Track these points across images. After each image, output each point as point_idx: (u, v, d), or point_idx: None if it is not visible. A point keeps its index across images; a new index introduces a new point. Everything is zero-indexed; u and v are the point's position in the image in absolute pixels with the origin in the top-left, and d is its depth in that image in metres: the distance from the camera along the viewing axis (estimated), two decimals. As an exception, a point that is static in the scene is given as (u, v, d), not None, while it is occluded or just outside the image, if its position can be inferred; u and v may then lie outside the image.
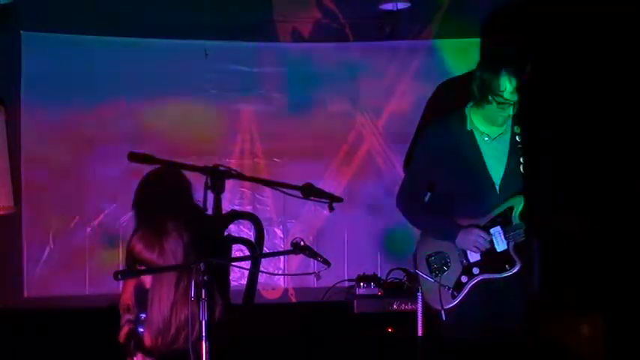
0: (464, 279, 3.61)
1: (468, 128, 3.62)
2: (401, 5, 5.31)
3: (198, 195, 4.50)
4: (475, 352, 3.60)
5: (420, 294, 3.83)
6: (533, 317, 3.87)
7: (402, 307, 4.88)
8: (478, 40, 5.39)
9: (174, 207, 4.04)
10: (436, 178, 3.71)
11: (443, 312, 3.59)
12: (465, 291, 3.60)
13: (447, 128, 3.68)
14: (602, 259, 4.71)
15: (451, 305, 3.61)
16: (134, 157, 3.77)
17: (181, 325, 3.24)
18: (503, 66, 3.44)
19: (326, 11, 5.44)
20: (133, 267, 3.35)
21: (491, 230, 3.58)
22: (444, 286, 3.61)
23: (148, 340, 3.32)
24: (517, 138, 3.61)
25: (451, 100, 3.85)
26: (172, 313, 3.28)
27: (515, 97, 3.45)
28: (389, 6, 5.33)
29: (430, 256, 3.67)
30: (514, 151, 3.60)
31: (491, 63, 3.50)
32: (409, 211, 3.78)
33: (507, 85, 3.43)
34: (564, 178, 3.82)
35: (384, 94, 5.63)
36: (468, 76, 3.65)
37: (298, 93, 5.58)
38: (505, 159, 3.61)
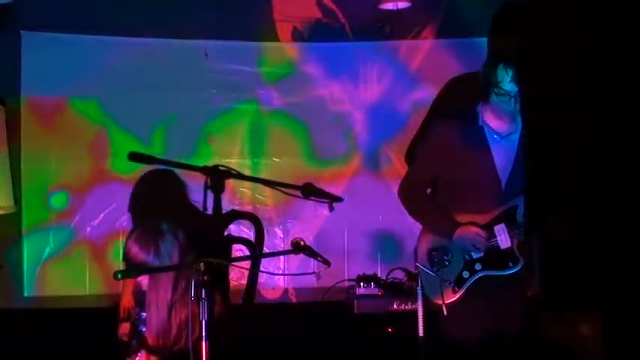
0: (465, 274, 3.61)
1: (479, 124, 3.63)
2: (401, 5, 5.31)
3: (197, 195, 4.50)
4: (475, 351, 3.60)
5: (419, 289, 3.82)
6: (533, 317, 3.87)
7: (402, 307, 4.88)
8: (478, 39, 5.39)
9: (169, 208, 4.04)
10: (442, 173, 3.71)
11: (444, 306, 3.59)
12: (466, 286, 3.59)
13: (457, 124, 3.68)
14: (602, 259, 4.71)
15: (452, 300, 3.60)
16: (134, 156, 3.78)
17: (182, 325, 3.24)
18: (500, 57, 3.50)
19: (326, 11, 5.44)
20: (130, 269, 3.35)
21: (496, 227, 3.58)
22: (446, 281, 3.61)
23: (149, 340, 3.32)
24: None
25: (462, 96, 3.87)
26: (172, 314, 3.28)
27: (514, 88, 3.47)
28: (389, 6, 5.34)
29: (432, 250, 3.66)
30: (522, 150, 3.61)
31: (490, 57, 3.57)
32: (411, 204, 3.77)
33: (505, 76, 3.46)
34: (564, 177, 3.83)
35: (384, 94, 5.62)
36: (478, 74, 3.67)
37: (298, 93, 5.58)
38: (513, 158, 3.62)
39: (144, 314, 3.37)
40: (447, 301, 3.59)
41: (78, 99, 5.31)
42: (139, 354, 3.32)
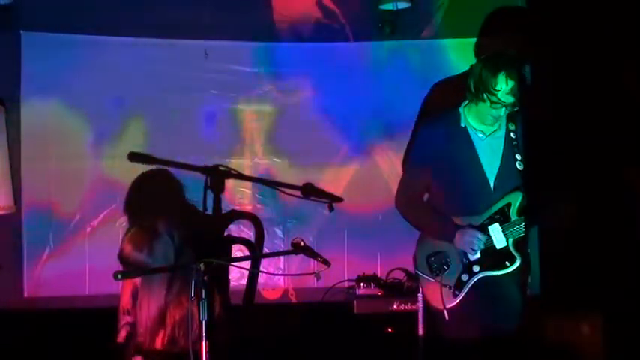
0: (464, 277, 3.62)
1: (462, 125, 3.63)
2: (401, 5, 5.32)
3: (197, 195, 4.50)
4: (475, 351, 3.61)
5: (420, 294, 3.84)
6: (534, 317, 3.88)
7: (402, 307, 4.88)
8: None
9: (165, 208, 4.04)
10: (432, 178, 3.72)
11: (445, 311, 3.60)
12: (466, 289, 3.60)
13: (441, 126, 3.69)
14: (602, 258, 4.72)
15: (453, 304, 3.61)
16: (134, 157, 3.79)
17: (177, 325, 3.24)
18: (503, 66, 3.45)
19: (326, 11, 5.44)
20: (126, 269, 3.35)
21: (490, 227, 3.59)
22: (446, 285, 3.62)
23: (138, 337, 3.32)
24: (512, 135, 3.62)
25: (446, 99, 3.86)
26: (166, 315, 3.28)
27: (509, 99, 3.45)
28: (389, 6, 5.34)
29: (430, 256, 3.68)
30: (509, 148, 3.61)
31: (491, 61, 3.51)
32: (407, 212, 3.78)
33: (503, 85, 3.44)
34: (566, 176, 3.83)
35: (383, 94, 5.62)
36: (464, 75, 3.66)
37: (298, 93, 5.58)
38: (499, 156, 3.63)
39: (141, 314, 3.37)
40: (448, 306, 3.60)
41: (78, 99, 5.31)
42: (136, 355, 3.33)
